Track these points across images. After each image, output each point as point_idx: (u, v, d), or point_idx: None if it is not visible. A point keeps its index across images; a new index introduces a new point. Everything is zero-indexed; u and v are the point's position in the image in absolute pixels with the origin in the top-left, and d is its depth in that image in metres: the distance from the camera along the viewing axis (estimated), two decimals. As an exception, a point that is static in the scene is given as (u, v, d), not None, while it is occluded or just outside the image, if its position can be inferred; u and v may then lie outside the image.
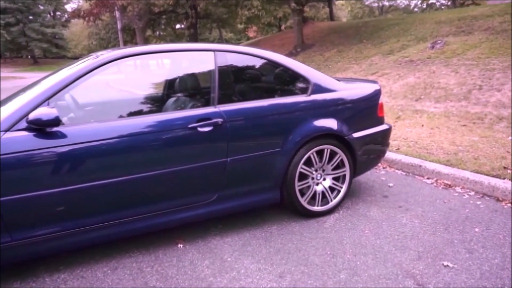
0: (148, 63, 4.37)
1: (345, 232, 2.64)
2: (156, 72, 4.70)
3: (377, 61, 9.89)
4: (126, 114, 2.61)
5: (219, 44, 2.77)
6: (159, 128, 2.30)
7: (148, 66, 4.71)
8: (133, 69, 5.33)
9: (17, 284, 2.14)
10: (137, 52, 2.45)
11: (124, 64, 2.42)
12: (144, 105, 3.12)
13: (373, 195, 3.28)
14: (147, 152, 2.26)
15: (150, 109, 2.99)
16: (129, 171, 2.21)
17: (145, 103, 3.13)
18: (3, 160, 1.92)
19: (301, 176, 2.75)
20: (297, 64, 2.87)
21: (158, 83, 3.73)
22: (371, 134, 3.04)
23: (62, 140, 2.06)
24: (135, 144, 2.22)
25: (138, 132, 2.24)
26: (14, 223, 2.01)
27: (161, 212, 2.37)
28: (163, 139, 2.29)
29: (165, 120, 2.35)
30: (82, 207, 2.17)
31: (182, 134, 2.33)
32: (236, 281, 2.11)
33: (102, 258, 2.37)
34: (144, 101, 3.17)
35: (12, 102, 2.30)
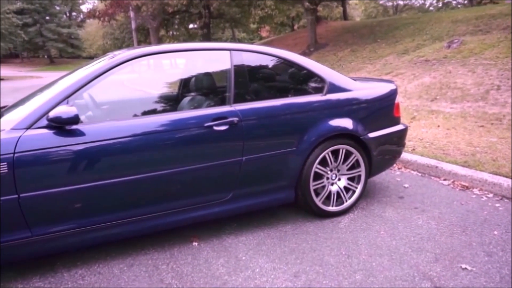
0: (161, 62, 4.41)
1: (360, 233, 2.62)
2: (171, 72, 4.74)
3: (392, 61, 9.79)
4: (142, 113, 2.64)
5: (235, 43, 2.77)
6: (175, 126, 2.31)
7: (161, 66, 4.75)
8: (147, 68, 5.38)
9: (36, 278, 2.19)
10: (155, 51, 2.47)
11: (139, 63, 2.45)
12: (160, 104, 3.15)
13: (389, 196, 3.25)
14: (163, 151, 2.28)
15: (166, 108, 3.02)
16: (146, 169, 2.24)
17: (161, 102, 3.16)
18: (24, 157, 1.96)
19: (316, 176, 2.74)
20: (313, 63, 2.85)
21: (173, 82, 3.76)
22: (387, 134, 3.01)
23: (80, 138, 2.10)
24: (152, 142, 2.24)
25: (154, 130, 2.27)
26: (34, 219, 2.05)
27: (177, 210, 2.39)
28: (179, 137, 2.31)
29: (181, 119, 2.37)
30: (99, 204, 2.20)
31: (197, 133, 2.34)
32: (251, 280, 2.11)
33: (118, 255, 2.40)
34: (159, 100, 3.20)
35: (32, 101, 2.35)
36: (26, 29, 36.75)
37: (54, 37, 42.69)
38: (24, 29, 34.37)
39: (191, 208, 2.43)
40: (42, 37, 42.21)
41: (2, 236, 2.01)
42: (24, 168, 1.97)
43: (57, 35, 43.02)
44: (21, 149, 1.96)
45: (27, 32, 36.47)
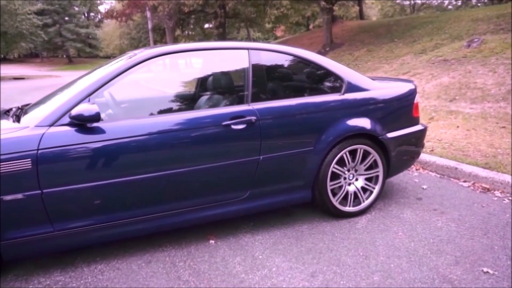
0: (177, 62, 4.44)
1: (377, 234, 2.59)
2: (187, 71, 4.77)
3: (409, 61, 9.65)
4: (160, 111, 2.66)
5: (253, 42, 2.78)
6: (194, 125, 2.33)
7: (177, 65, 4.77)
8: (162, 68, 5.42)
9: (57, 272, 2.24)
10: (174, 50, 2.50)
11: (155, 63, 2.46)
12: (177, 103, 3.17)
13: (406, 197, 3.20)
14: (182, 149, 2.30)
15: (184, 106, 3.04)
16: (164, 167, 2.26)
17: (179, 101, 3.18)
18: (47, 154, 2.01)
19: (333, 175, 2.72)
20: (331, 62, 2.83)
21: (190, 81, 3.78)
22: (406, 134, 2.97)
23: (101, 135, 2.13)
24: (170, 140, 2.27)
25: (173, 128, 2.29)
26: (56, 214, 2.10)
27: (194, 208, 2.41)
28: (197, 136, 2.32)
29: (199, 117, 2.38)
30: (118, 201, 2.23)
31: (215, 132, 2.35)
32: (268, 279, 2.11)
33: (136, 251, 2.44)
34: (177, 99, 3.22)
35: (55, 99, 2.40)
36: (46, 30, 37.51)
37: (73, 37, 43.53)
38: (44, 29, 35.12)
39: (208, 206, 2.44)
40: (61, 37, 43.09)
41: (26, 231, 2.06)
42: (47, 165, 2.01)
43: (76, 35, 43.85)
44: (45, 145, 2.01)
45: (47, 32, 37.23)
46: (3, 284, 2.13)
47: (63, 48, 45.04)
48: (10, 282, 2.15)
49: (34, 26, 27.11)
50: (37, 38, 29.21)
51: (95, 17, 52.97)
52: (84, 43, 46.15)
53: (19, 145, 1.98)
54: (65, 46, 44.48)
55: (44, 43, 38.73)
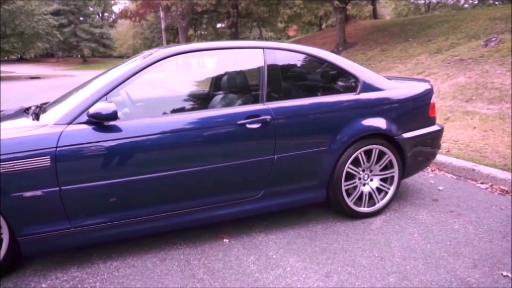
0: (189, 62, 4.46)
1: (393, 235, 2.56)
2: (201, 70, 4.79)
3: (424, 60, 9.51)
4: (176, 110, 2.68)
5: (268, 42, 2.77)
6: (209, 124, 2.34)
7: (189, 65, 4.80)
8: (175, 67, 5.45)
9: (74, 268, 2.27)
10: (190, 49, 2.51)
11: (168, 62, 2.47)
12: (192, 102, 3.19)
13: (422, 198, 3.16)
14: (197, 147, 2.31)
15: (199, 105, 3.06)
16: (179, 166, 2.27)
17: (194, 100, 3.20)
18: (65, 151, 2.04)
19: (348, 176, 2.70)
20: (347, 61, 2.81)
21: (203, 81, 3.80)
22: (422, 135, 2.93)
23: (118, 133, 2.15)
24: (185, 139, 2.28)
25: (188, 127, 2.30)
26: (73, 211, 2.13)
27: (209, 207, 2.42)
28: (212, 134, 2.33)
29: (214, 116, 2.39)
30: (134, 199, 2.26)
31: (231, 130, 2.35)
32: (282, 279, 2.11)
33: (151, 249, 2.46)
34: (192, 98, 3.24)
35: (73, 98, 2.44)
36: (62, 30, 38.09)
37: (87, 37, 44.15)
38: (60, 29, 35.68)
39: (222, 205, 2.45)
40: (76, 37, 43.74)
41: (44, 227, 2.10)
42: (65, 162, 2.04)
43: (90, 35, 44.46)
44: (63, 143, 2.04)
45: (62, 32, 37.80)
46: (22, 278, 2.17)
47: (77, 48, 45.73)
48: (28, 277, 2.19)
49: (50, 26, 27.59)
50: (52, 38, 29.71)
51: (109, 17, 53.60)
52: (98, 43, 46.77)
53: (38, 143, 2.02)
54: (79, 46, 45.16)
55: (60, 43, 39.36)
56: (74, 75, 26.88)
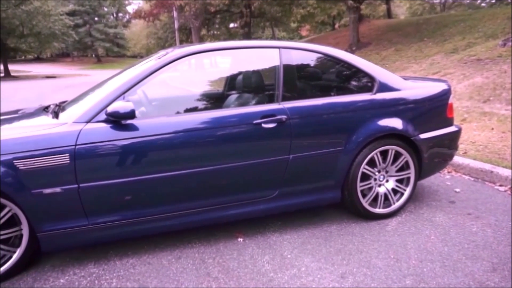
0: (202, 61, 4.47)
1: (409, 237, 2.53)
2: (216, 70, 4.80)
3: (439, 60, 9.37)
4: (191, 109, 2.70)
5: (284, 41, 2.77)
6: (225, 123, 2.35)
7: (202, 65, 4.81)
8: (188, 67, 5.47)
9: (91, 265, 2.30)
10: (206, 49, 2.52)
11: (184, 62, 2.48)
12: (208, 101, 3.20)
13: (438, 200, 3.11)
14: (213, 146, 2.32)
15: (214, 105, 3.07)
16: (195, 165, 2.29)
17: (209, 99, 3.21)
18: (84, 149, 2.07)
19: (364, 176, 2.68)
20: (363, 61, 2.79)
21: (219, 80, 3.81)
22: (439, 135, 2.89)
23: (135, 132, 2.18)
24: (201, 138, 2.29)
25: (204, 127, 2.31)
26: (91, 208, 2.16)
27: (224, 206, 2.43)
28: (228, 134, 2.34)
29: (230, 116, 2.40)
30: (150, 197, 2.28)
31: (246, 130, 2.36)
32: (297, 279, 2.10)
33: (167, 247, 2.48)
34: (207, 97, 3.25)
35: (91, 96, 2.48)
36: (77, 30, 38.75)
37: (102, 37, 44.80)
38: (75, 29, 36.28)
39: (237, 204, 2.46)
40: (90, 37, 44.43)
41: (63, 223, 2.13)
42: (83, 160, 2.08)
43: (105, 35, 45.11)
44: (82, 141, 2.08)
45: (77, 32, 38.43)
46: (41, 273, 2.21)
47: (92, 47, 46.43)
48: (47, 272, 2.23)
49: (66, 26, 28.07)
50: (68, 38, 30.22)
51: (123, 17, 54.27)
52: (112, 43, 47.40)
53: (58, 141, 2.05)
54: (94, 46, 45.84)
55: (75, 43, 40.01)
56: (88, 75, 27.30)
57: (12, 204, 2.05)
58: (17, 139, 2.04)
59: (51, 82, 20.51)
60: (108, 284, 2.10)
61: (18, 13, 23.70)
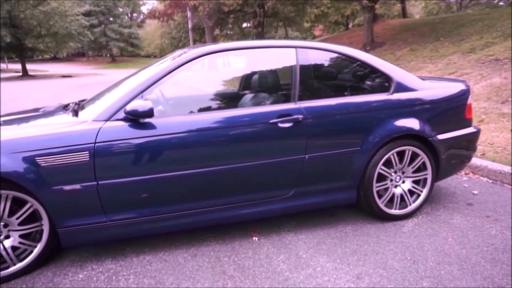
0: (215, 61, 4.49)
1: (425, 239, 2.50)
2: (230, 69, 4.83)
3: (456, 60, 9.21)
4: (207, 108, 2.72)
5: (301, 41, 2.76)
6: (241, 122, 2.36)
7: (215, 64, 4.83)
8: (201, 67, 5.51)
9: (108, 260, 2.34)
10: (224, 48, 2.53)
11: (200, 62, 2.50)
12: (224, 100, 3.22)
13: (456, 202, 3.07)
14: (229, 145, 2.33)
15: (230, 104, 3.08)
16: (212, 163, 2.30)
17: (225, 99, 3.23)
18: (103, 147, 2.11)
19: (380, 177, 2.66)
20: (380, 61, 2.77)
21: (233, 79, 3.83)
22: (457, 136, 2.85)
23: (153, 131, 2.20)
24: (218, 137, 2.30)
25: (221, 126, 2.32)
26: (109, 205, 2.20)
27: (239, 205, 2.44)
28: (244, 133, 2.35)
29: (247, 115, 2.41)
30: (167, 195, 2.30)
31: (263, 129, 2.36)
32: (312, 278, 2.10)
33: (182, 245, 2.50)
34: (223, 96, 3.27)
35: (109, 95, 2.51)
36: (92, 30, 39.31)
37: (116, 37, 45.38)
38: (91, 29, 36.83)
39: (253, 203, 2.46)
40: (105, 37, 45.04)
41: (83, 220, 2.17)
42: (102, 157, 2.11)
43: (119, 35, 45.68)
44: (101, 139, 2.11)
45: (93, 32, 39.01)
46: (61, 268, 2.26)
47: (107, 47, 47.05)
48: (66, 267, 2.28)
49: (82, 26, 28.53)
50: (84, 38, 30.70)
51: (137, 17, 54.87)
52: (126, 43, 47.94)
53: (78, 139, 2.09)
54: (109, 46, 46.46)
55: (90, 43, 40.61)
56: (103, 74, 27.69)
57: (34, 200, 2.10)
58: (39, 136, 2.08)
59: (67, 81, 20.87)
60: (126, 280, 2.13)
61: (36, 14, 24.20)
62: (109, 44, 46.01)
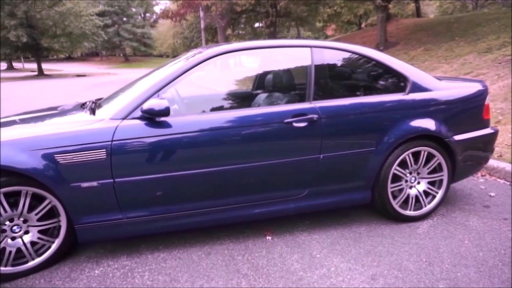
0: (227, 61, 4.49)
1: (441, 240, 2.47)
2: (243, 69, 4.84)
3: (472, 60, 9.07)
4: (221, 107, 2.73)
5: (316, 40, 2.75)
6: (256, 121, 2.36)
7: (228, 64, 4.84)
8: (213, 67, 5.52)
9: (124, 257, 2.37)
10: (239, 47, 2.54)
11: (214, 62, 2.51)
12: (238, 100, 3.23)
13: (472, 204, 3.02)
14: (244, 144, 2.34)
15: (244, 103, 3.09)
16: (226, 162, 2.31)
17: (239, 98, 3.24)
18: (120, 145, 2.13)
19: (395, 178, 2.64)
20: (396, 61, 2.75)
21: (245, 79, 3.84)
22: (474, 137, 2.81)
23: (168, 129, 2.22)
24: (232, 136, 2.31)
25: (235, 125, 2.33)
26: (125, 202, 2.23)
27: (253, 204, 2.44)
28: (259, 132, 2.35)
29: (261, 114, 2.42)
30: (181, 193, 2.32)
31: (277, 129, 2.37)
32: (326, 278, 2.10)
33: (196, 243, 2.52)
34: (237, 95, 3.28)
35: (125, 94, 2.54)
36: (106, 30, 39.76)
37: (129, 37, 45.87)
38: (104, 29, 37.27)
39: (267, 202, 2.47)
40: (119, 37, 45.55)
41: (99, 216, 2.21)
42: (119, 155, 2.14)
43: (132, 35, 46.15)
44: (118, 137, 2.14)
45: (106, 32, 39.43)
46: (77, 264, 2.30)
47: (120, 47, 47.59)
48: (83, 262, 2.31)
49: (96, 26, 28.92)
50: (98, 38, 31.09)
51: (150, 17, 55.36)
52: (139, 42, 48.40)
53: (96, 137, 2.12)
54: (122, 45, 46.98)
55: (104, 43, 41.09)
56: (116, 73, 28.02)
57: (52, 197, 2.14)
58: (58, 134, 2.12)
59: (81, 81, 21.18)
60: (141, 277, 2.16)
61: (51, 14, 24.63)
62: (122, 44, 46.53)
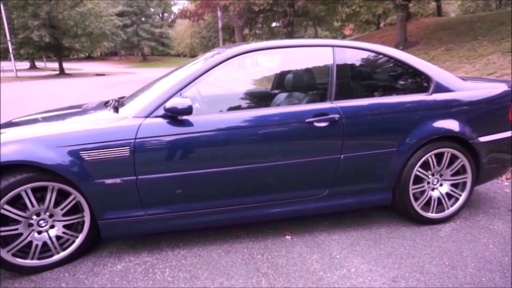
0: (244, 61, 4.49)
1: (464, 244, 2.42)
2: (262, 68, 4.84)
3: (495, 60, 8.84)
4: (241, 107, 2.73)
5: (338, 40, 2.73)
6: (277, 121, 2.36)
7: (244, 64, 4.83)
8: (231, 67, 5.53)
9: (145, 253, 2.41)
10: (260, 47, 2.55)
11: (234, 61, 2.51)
12: (257, 99, 3.23)
13: (496, 208, 2.95)
14: (264, 144, 2.34)
15: (264, 102, 3.09)
16: (247, 161, 2.32)
17: (259, 97, 3.24)
18: (143, 143, 2.17)
19: (416, 179, 2.60)
20: (419, 60, 2.70)
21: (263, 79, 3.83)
22: (499, 139, 2.73)
23: (190, 128, 2.25)
24: (253, 135, 2.32)
25: (256, 124, 2.34)
26: (147, 199, 2.26)
27: (273, 203, 2.45)
28: (280, 131, 2.35)
29: (283, 113, 2.41)
30: (202, 191, 2.34)
31: (298, 128, 2.36)
32: (346, 279, 2.08)
33: (216, 241, 2.54)
34: (257, 95, 3.29)
35: (148, 92, 2.58)
36: (125, 30, 40.47)
37: (148, 37, 46.57)
38: (123, 29, 37.90)
39: (287, 202, 2.47)
40: (137, 37, 46.29)
41: (122, 213, 2.25)
42: (142, 153, 2.17)
43: (151, 35, 46.84)
44: (141, 135, 2.17)
45: (125, 32, 40.13)
46: (100, 258, 2.35)
47: (138, 46, 48.35)
48: (105, 258, 2.36)
49: (115, 26, 29.47)
50: (117, 38, 31.66)
51: (168, 17, 55.98)
52: (157, 42, 49.08)
53: (119, 134, 2.16)
54: (140, 45, 47.72)
55: (123, 42, 41.84)
56: (135, 73, 28.46)
57: (77, 192, 2.19)
58: (84, 131, 2.17)
59: (100, 79, 21.59)
60: (162, 273, 2.19)
61: (73, 15, 25.23)
62: (140, 43, 47.25)
